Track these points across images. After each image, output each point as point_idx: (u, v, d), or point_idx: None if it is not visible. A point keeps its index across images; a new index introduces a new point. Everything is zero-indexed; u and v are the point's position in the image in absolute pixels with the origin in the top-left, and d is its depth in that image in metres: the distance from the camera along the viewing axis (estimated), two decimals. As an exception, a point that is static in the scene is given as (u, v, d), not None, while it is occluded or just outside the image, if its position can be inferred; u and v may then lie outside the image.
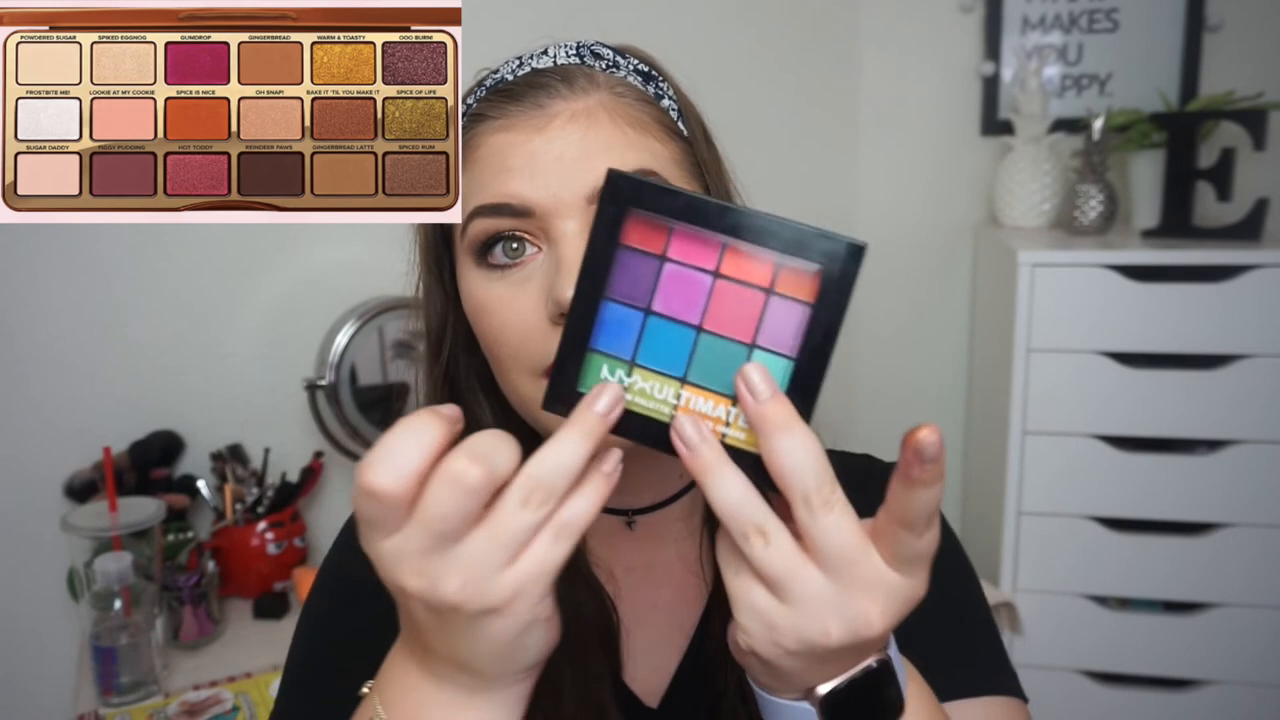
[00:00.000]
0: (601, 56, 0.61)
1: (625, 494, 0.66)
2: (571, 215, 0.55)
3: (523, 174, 0.55)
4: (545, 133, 0.56)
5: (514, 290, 0.56)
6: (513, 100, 0.57)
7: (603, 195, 0.43)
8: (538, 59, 0.60)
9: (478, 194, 0.56)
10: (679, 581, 0.67)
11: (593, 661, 0.62)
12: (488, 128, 0.58)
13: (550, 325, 0.55)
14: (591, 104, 0.57)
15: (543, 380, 0.56)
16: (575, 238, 0.54)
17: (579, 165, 0.55)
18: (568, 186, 0.55)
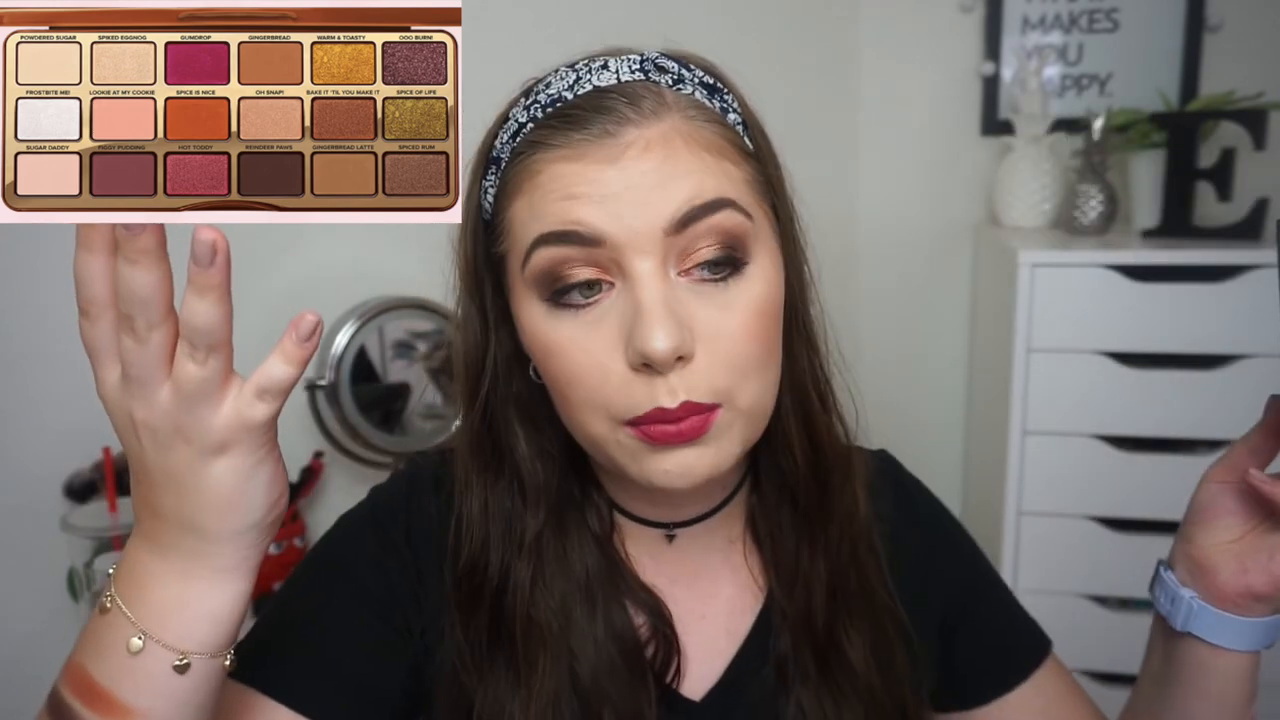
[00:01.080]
0: (666, 70, 0.57)
1: (668, 509, 0.66)
2: (647, 251, 0.52)
3: (591, 201, 0.52)
4: (619, 164, 0.52)
5: (587, 331, 0.54)
6: (578, 127, 0.53)
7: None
8: (598, 74, 0.56)
9: (539, 221, 0.53)
10: (727, 590, 0.67)
11: (640, 671, 0.62)
12: (550, 155, 0.54)
13: (630, 372, 0.53)
14: (666, 130, 0.54)
15: (619, 427, 0.54)
16: (652, 278, 0.52)
17: (655, 194, 0.52)
18: (643, 216, 0.52)
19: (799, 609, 0.65)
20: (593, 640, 0.62)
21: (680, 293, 0.53)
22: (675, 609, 0.66)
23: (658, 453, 0.55)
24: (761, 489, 0.67)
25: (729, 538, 0.68)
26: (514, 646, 0.62)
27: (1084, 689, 0.75)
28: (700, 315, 0.53)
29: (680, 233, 0.52)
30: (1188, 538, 0.62)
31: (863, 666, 0.64)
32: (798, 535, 0.65)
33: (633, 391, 0.53)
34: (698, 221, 0.52)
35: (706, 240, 0.53)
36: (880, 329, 2.12)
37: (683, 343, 0.52)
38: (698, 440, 0.54)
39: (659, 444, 0.54)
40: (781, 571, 0.66)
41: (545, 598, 0.62)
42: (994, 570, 0.76)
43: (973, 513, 2.01)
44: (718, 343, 0.54)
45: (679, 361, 0.52)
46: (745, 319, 0.54)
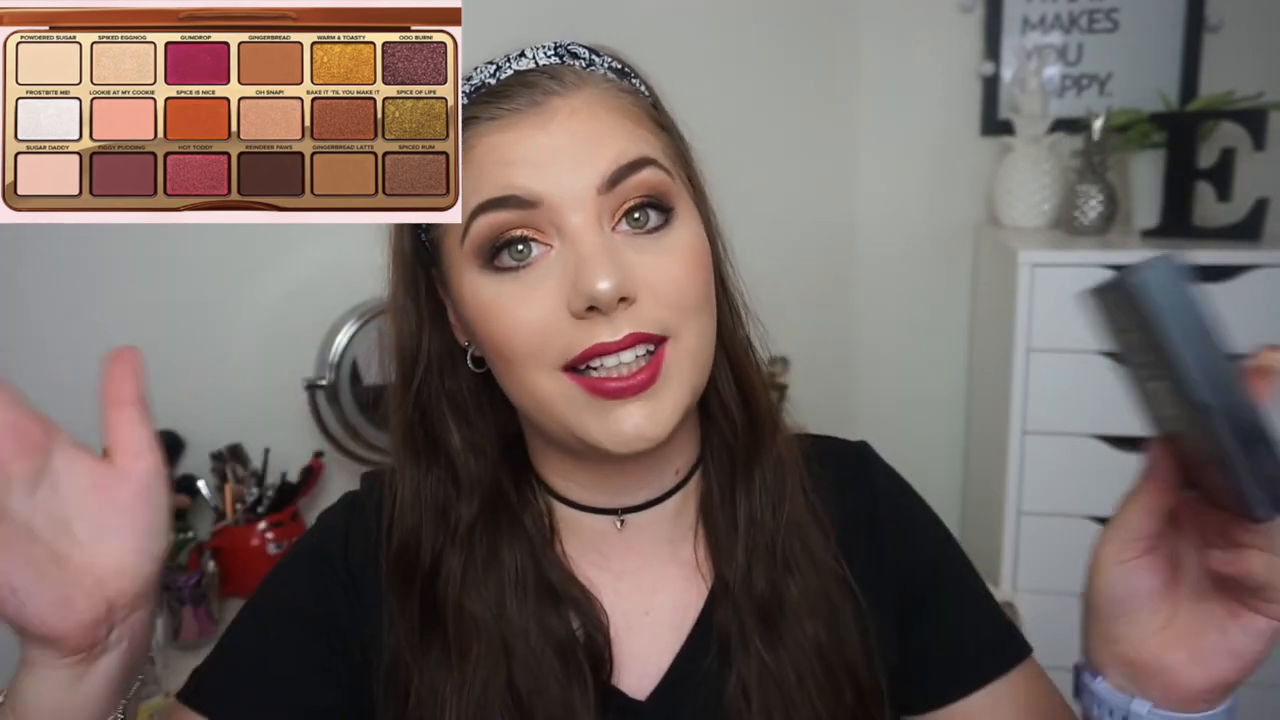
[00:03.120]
0: (578, 56, 0.61)
1: (616, 492, 0.66)
2: (582, 208, 0.55)
3: (526, 166, 0.55)
4: (548, 128, 0.55)
5: (527, 288, 0.56)
6: (507, 100, 0.57)
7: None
8: (516, 61, 0.60)
9: (477, 192, 0.56)
10: (673, 585, 0.67)
11: (575, 669, 0.62)
12: (483, 129, 0.57)
13: (572, 320, 0.55)
14: (587, 97, 0.57)
15: (561, 375, 0.56)
16: (590, 230, 0.55)
17: (585, 155, 0.55)
18: (576, 177, 0.55)
19: (739, 566, 0.64)
20: (524, 636, 0.62)
21: (617, 244, 0.56)
22: (619, 605, 0.65)
23: (605, 410, 0.56)
24: (711, 473, 0.67)
25: (681, 528, 0.67)
26: (446, 633, 0.62)
27: (1071, 709, 0.67)
28: (639, 262, 0.56)
29: (610, 190, 0.55)
30: (1111, 638, 0.52)
31: (807, 618, 0.63)
32: (734, 498, 0.66)
33: (574, 335, 0.55)
34: (626, 179, 0.56)
35: (638, 195, 0.56)
36: (880, 329, 2.12)
37: (624, 282, 0.54)
38: (647, 392, 0.55)
39: (604, 397, 0.55)
40: (723, 541, 0.66)
41: (479, 588, 0.63)
42: (969, 567, 0.73)
43: (973, 513, 2.01)
44: (659, 284, 0.56)
45: (622, 303, 0.54)
46: (682, 261, 0.57)
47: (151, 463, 0.48)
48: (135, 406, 0.49)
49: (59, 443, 0.47)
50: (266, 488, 1.52)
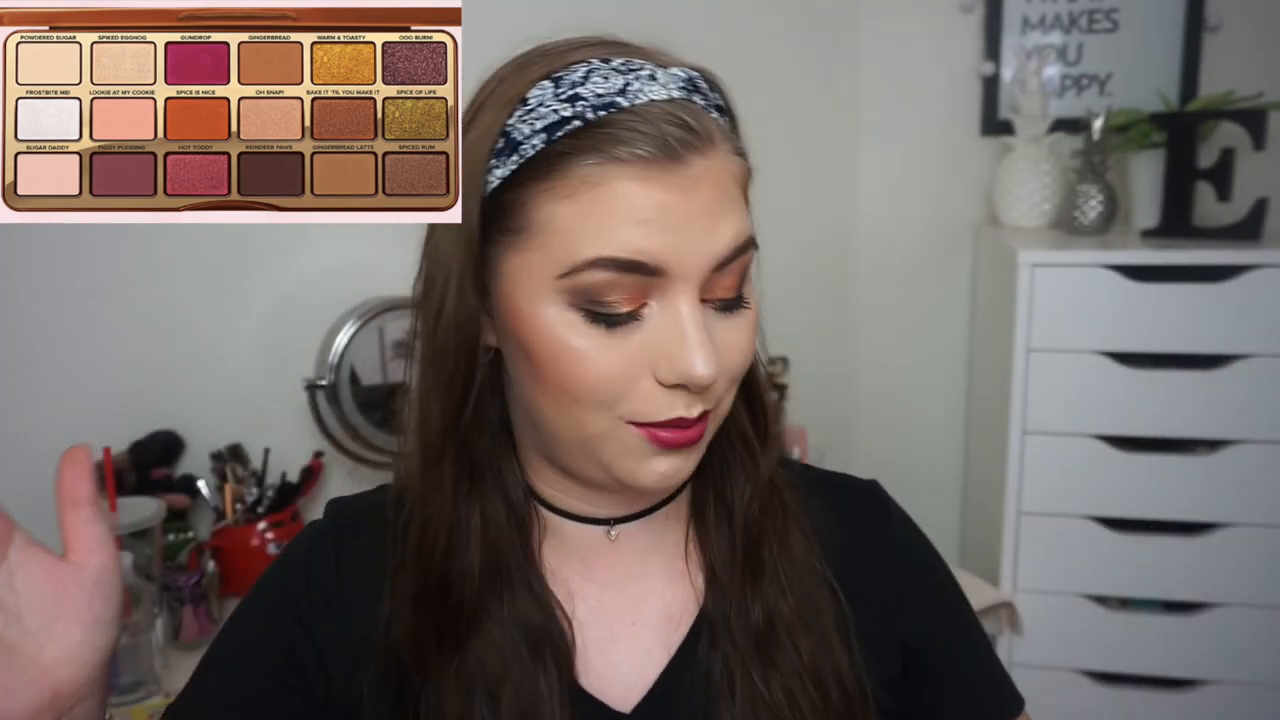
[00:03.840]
0: (700, 91, 0.57)
1: (610, 504, 0.65)
2: (696, 280, 0.54)
3: (661, 234, 0.52)
4: (688, 197, 0.53)
5: (616, 340, 0.54)
6: (644, 145, 0.52)
7: None
8: (646, 85, 0.54)
9: (600, 242, 0.52)
10: (663, 596, 0.65)
11: (540, 674, 0.61)
12: (616, 171, 0.52)
13: (656, 385, 0.54)
14: (717, 161, 0.55)
15: (618, 421, 0.55)
16: (694, 306, 0.54)
17: (712, 231, 0.54)
18: (701, 252, 0.53)
19: (732, 580, 0.64)
20: (499, 624, 0.61)
21: (709, 320, 0.56)
22: (603, 616, 0.64)
23: (657, 455, 0.57)
24: (709, 481, 0.66)
25: (671, 538, 0.67)
26: (460, 622, 0.62)
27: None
28: (718, 339, 0.56)
29: (721, 269, 0.55)
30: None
31: (799, 635, 0.63)
32: (730, 499, 0.65)
33: (656, 400, 0.55)
34: (734, 260, 0.55)
35: (731, 277, 0.56)
36: (880, 329, 2.12)
37: (717, 369, 0.54)
38: (691, 448, 0.58)
39: (665, 447, 0.56)
40: (712, 552, 0.65)
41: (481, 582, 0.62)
42: (973, 618, 0.73)
43: (973, 513, 2.01)
44: (731, 363, 0.57)
45: None
46: (747, 341, 0.58)
47: (104, 558, 0.48)
48: (89, 505, 0.50)
49: (15, 537, 0.48)
50: (266, 488, 1.52)
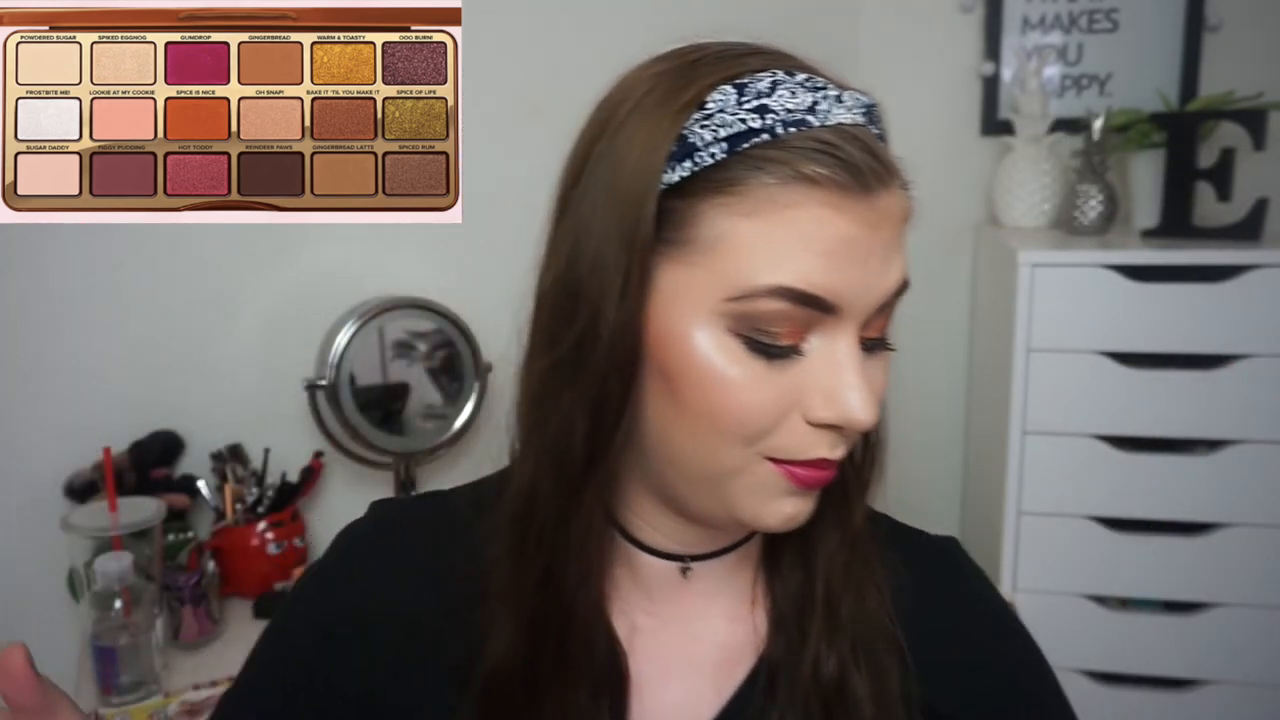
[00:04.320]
0: (876, 121, 0.56)
1: (692, 541, 0.62)
2: (861, 319, 0.52)
3: (845, 267, 0.50)
4: (876, 233, 0.51)
5: (771, 372, 0.51)
6: (838, 172, 0.50)
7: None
8: (834, 107, 0.52)
9: (780, 269, 0.49)
10: (721, 638, 0.63)
11: (589, 709, 0.59)
12: (809, 194, 0.49)
13: (804, 423, 0.52)
14: (897, 200, 0.53)
15: (755, 457, 0.53)
16: (855, 345, 0.52)
17: (886, 270, 0.52)
18: (874, 291, 0.52)
19: (781, 635, 0.61)
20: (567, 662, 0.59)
21: (864, 362, 0.54)
22: (659, 652, 0.62)
23: (788, 495, 0.55)
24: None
25: (740, 580, 0.64)
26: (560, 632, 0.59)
27: None
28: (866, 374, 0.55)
29: (882, 310, 0.54)
30: None
31: (863, 682, 0.60)
32: (810, 550, 0.62)
33: (802, 439, 0.53)
34: (894, 302, 0.54)
35: (884, 317, 0.55)
36: (880, 329, 2.12)
37: (876, 414, 0.53)
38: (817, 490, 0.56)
39: (803, 486, 0.54)
40: (781, 600, 0.62)
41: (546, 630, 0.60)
42: (1063, 701, 0.69)
43: (973, 513, 2.01)
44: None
45: None
46: (884, 382, 0.56)
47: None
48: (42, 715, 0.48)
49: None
50: (266, 488, 1.52)
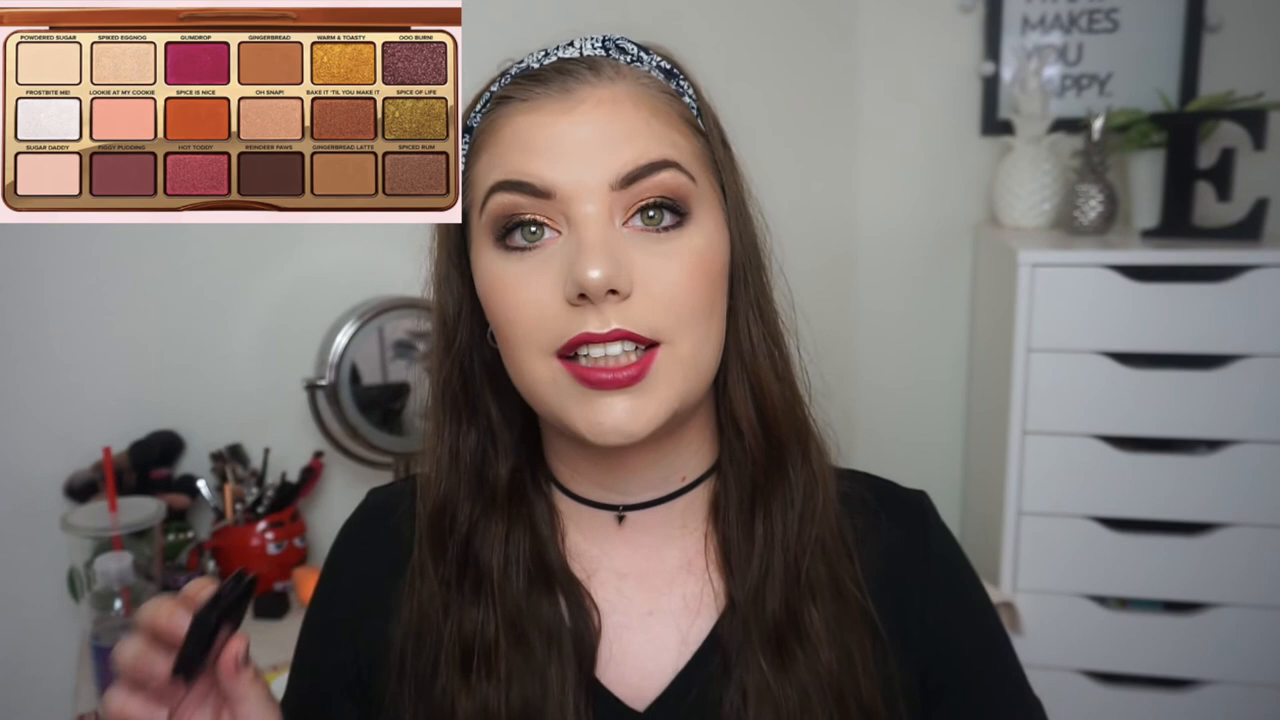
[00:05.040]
0: (626, 51, 0.61)
1: (616, 489, 0.65)
2: (593, 200, 0.55)
3: (546, 155, 0.56)
4: (571, 116, 0.56)
5: (531, 270, 0.57)
6: (539, 83, 0.58)
7: None
8: (564, 49, 0.61)
9: (498, 170, 0.57)
10: (683, 589, 0.65)
11: (558, 660, 0.62)
12: (512, 109, 0.58)
13: (567, 306, 0.55)
14: (618, 92, 0.58)
15: (553, 360, 0.57)
16: (595, 222, 0.55)
17: (604, 151, 0.56)
18: (591, 172, 0.55)
19: (751, 585, 0.63)
20: (516, 615, 0.63)
21: (623, 240, 0.56)
22: (619, 603, 0.65)
23: (590, 399, 0.56)
24: (727, 485, 0.65)
25: (688, 530, 0.66)
26: (483, 576, 0.64)
27: None
28: (640, 261, 0.56)
29: (625, 189, 0.56)
30: None
31: (825, 647, 0.62)
32: (753, 512, 0.64)
33: (567, 321, 0.55)
34: (642, 180, 0.56)
35: (650, 194, 0.57)
36: (880, 329, 2.12)
37: (617, 275, 0.54)
38: (633, 389, 0.56)
39: (591, 386, 0.56)
40: (736, 555, 0.64)
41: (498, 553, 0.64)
42: (1007, 643, 0.71)
43: (973, 513, 2.01)
44: (656, 286, 0.56)
45: (613, 295, 0.55)
46: (684, 266, 0.57)
47: None
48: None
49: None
50: (266, 488, 1.52)
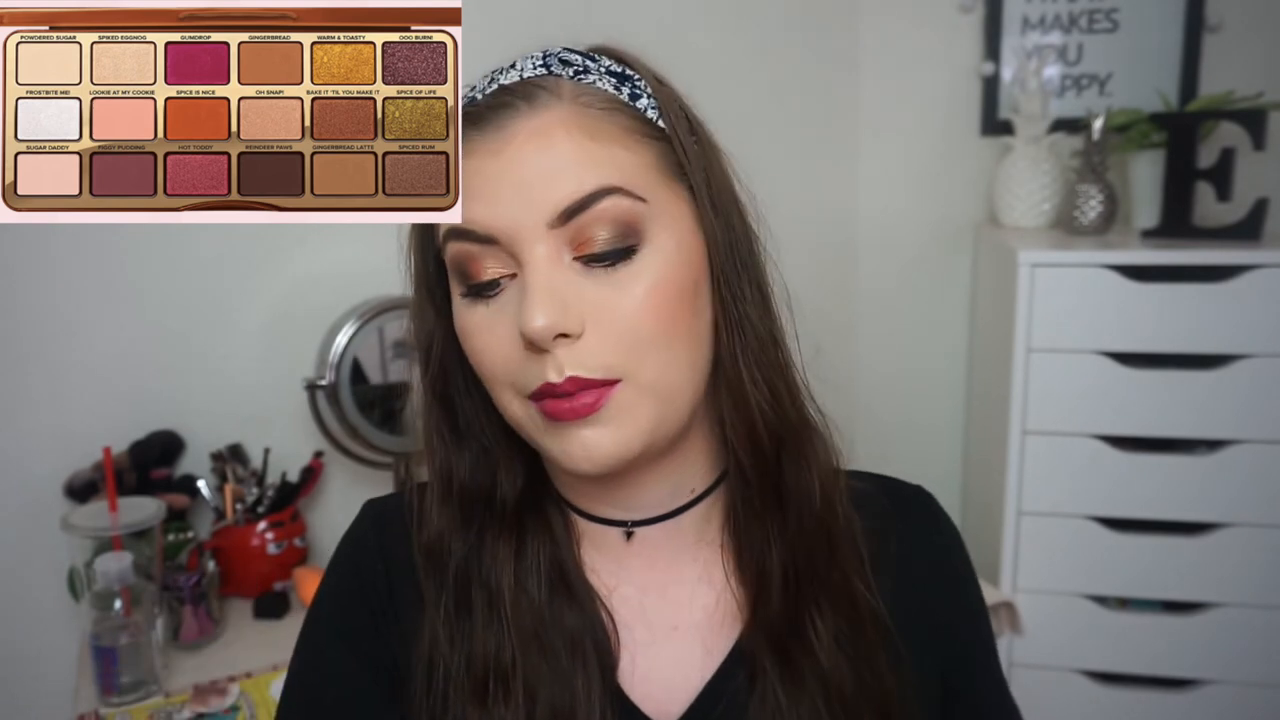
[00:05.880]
0: (570, 64, 0.59)
1: (622, 505, 0.64)
2: (536, 239, 0.54)
3: (483, 199, 0.55)
4: (502, 156, 0.55)
5: (493, 316, 0.57)
6: (476, 125, 0.56)
7: None
8: (506, 74, 0.59)
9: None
10: (704, 601, 0.65)
11: (583, 669, 0.61)
12: (465, 151, 0.56)
13: (526, 351, 0.55)
14: (550, 120, 0.55)
15: (528, 403, 0.57)
16: (541, 262, 0.54)
17: (538, 189, 0.54)
18: (527, 212, 0.54)
19: (753, 597, 0.63)
20: (536, 623, 0.62)
21: (572, 275, 0.55)
22: (642, 618, 0.64)
23: (560, 431, 0.57)
24: (736, 494, 0.64)
25: (704, 542, 0.65)
26: (490, 597, 0.63)
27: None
28: (590, 296, 0.55)
29: (566, 224, 0.54)
30: None
31: (829, 662, 0.61)
32: (757, 521, 0.63)
33: (528, 369, 0.56)
34: (582, 212, 0.54)
35: (599, 228, 0.55)
36: (880, 329, 2.12)
37: (560, 320, 0.54)
38: (593, 418, 0.56)
39: (556, 420, 0.56)
40: (743, 563, 0.64)
41: (507, 570, 0.63)
42: (990, 644, 0.73)
43: (973, 513, 2.01)
44: (608, 321, 0.55)
45: (563, 339, 0.54)
46: (637, 297, 0.55)
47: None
48: None
49: None
50: (266, 488, 1.52)
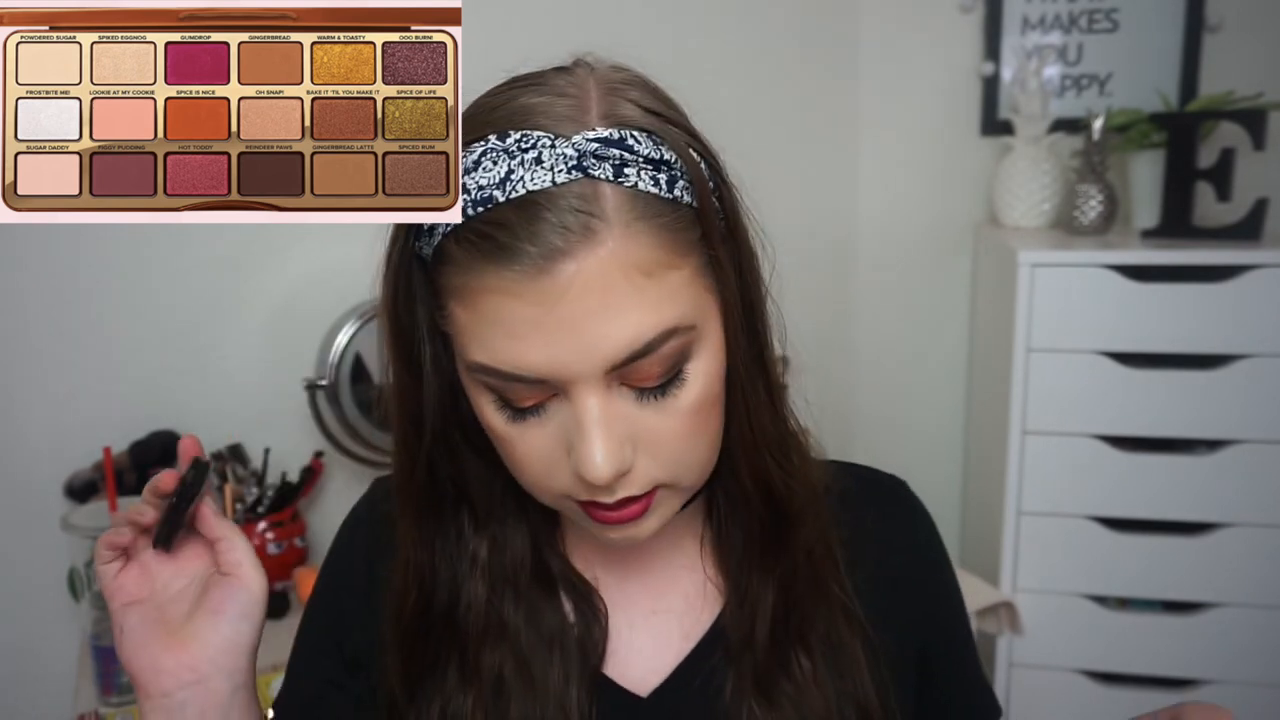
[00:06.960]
0: (606, 158, 0.50)
1: None
2: (592, 383, 0.51)
3: (533, 347, 0.50)
4: (557, 310, 0.49)
5: (533, 430, 0.54)
6: (510, 259, 0.49)
7: None
8: (530, 172, 0.50)
9: (482, 350, 0.52)
10: (683, 587, 0.66)
11: (561, 662, 0.62)
12: (486, 285, 0.50)
13: (569, 463, 0.54)
14: (604, 260, 0.49)
15: (566, 498, 0.56)
16: (599, 405, 0.52)
17: (596, 338, 0.50)
18: (584, 362, 0.51)
19: (743, 634, 0.63)
20: (515, 622, 0.63)
21: (622, 405, 0.53)
22: (622, 602, 0.65)
23: (601, 525, 0.57)
24: (717, 495, 0.65)
25: (685, 534, 0.67)
26: (465, 653, 0.63)
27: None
28: (640, 423, 0.54)
29: (623, 368, 0.52)
30: None
31: (811, 687, 0.62)
32: (750, 561, 0.64)
33: (575, 482, 0.55)
34: (642, 358, 0.52)
35: (655, 365, 0.52)
36: (880, 329, 2.12)
37: (621, 463, 0.53)
38: (636, 521, 0.57)
39: (601, 524, 0.57)
40: (733, 587, 0.65)
41: (493, 597, 0.63)
42: (969, 624, 0.75)
43: (973, 513, 2.01)
44: (657, 446, 0.54)
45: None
46: (684, 420, 0.54)
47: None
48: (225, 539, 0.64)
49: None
50: (266, 488, 1.52)
